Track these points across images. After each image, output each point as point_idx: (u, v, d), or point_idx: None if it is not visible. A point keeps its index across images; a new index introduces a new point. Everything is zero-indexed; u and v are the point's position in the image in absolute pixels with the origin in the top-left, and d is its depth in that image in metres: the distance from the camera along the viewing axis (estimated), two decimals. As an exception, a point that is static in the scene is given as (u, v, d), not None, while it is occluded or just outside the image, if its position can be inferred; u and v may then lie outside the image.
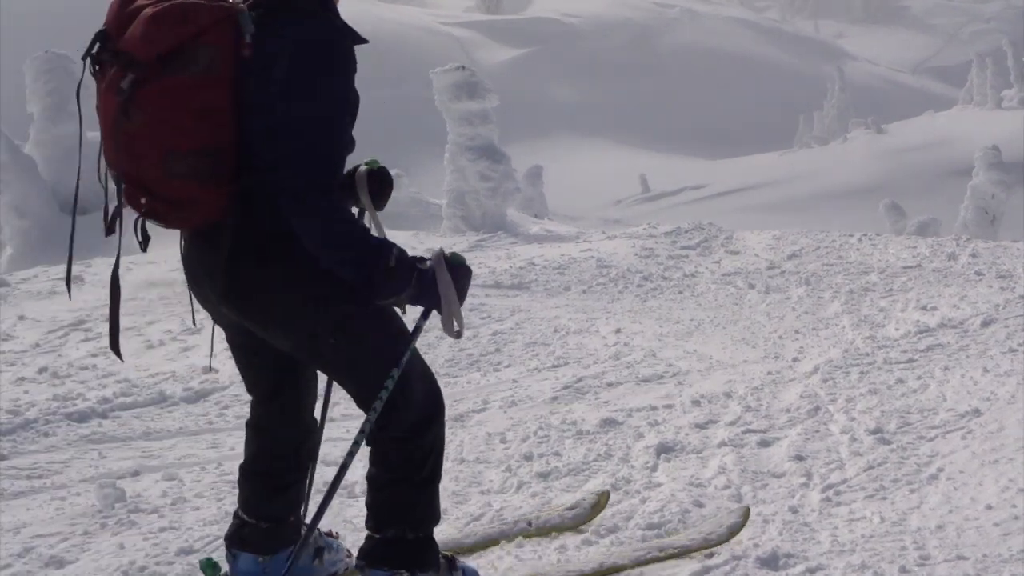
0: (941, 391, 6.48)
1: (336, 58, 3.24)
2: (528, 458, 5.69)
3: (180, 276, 11.93)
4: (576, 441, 5.94)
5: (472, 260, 12.22)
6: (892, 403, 6.29)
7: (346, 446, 3.83)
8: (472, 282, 10.12)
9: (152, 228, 3.54)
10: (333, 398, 4.23)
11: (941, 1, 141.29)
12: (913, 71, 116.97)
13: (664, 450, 5.68)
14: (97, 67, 3.31)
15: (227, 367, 8.01)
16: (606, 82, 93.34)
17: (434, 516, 3.71)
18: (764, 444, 5.69)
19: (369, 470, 3.71)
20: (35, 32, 59.00)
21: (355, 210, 3.73)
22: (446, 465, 5.48)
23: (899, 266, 12.58)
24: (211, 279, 3.48)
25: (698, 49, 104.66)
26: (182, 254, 3.67)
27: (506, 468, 5.53)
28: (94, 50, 3.29)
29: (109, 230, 3.53)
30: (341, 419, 6.19)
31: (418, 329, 3.54)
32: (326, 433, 4.35)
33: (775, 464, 5.38)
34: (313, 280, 3.35)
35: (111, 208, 3.42)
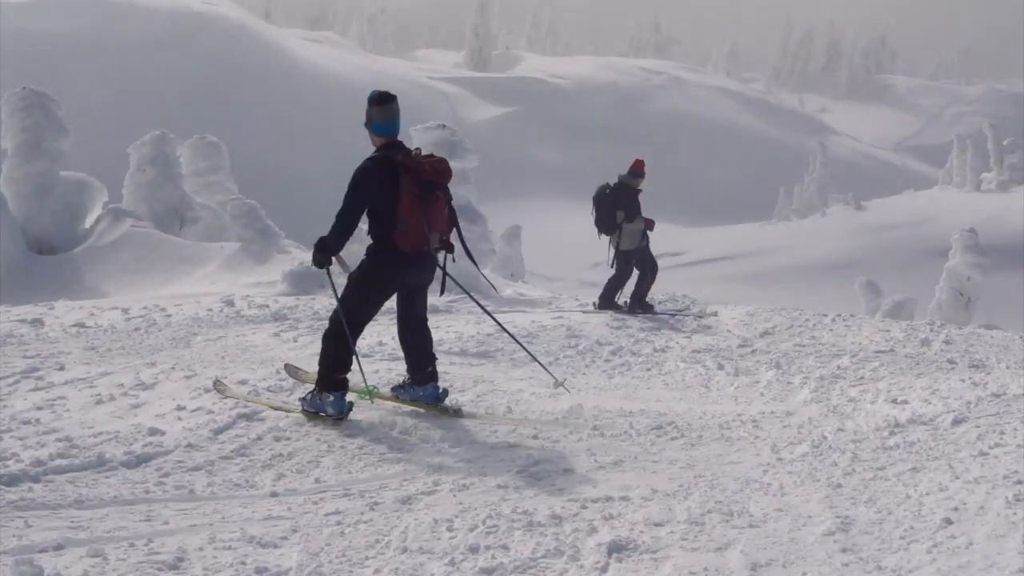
0: (908, 495, 6.25)
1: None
2: (474, 550, 5.41)
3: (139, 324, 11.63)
4: (526, 533, 5.67)
5: (441, 324, 12.07)
6: (857, 507, 6.05)
7: None
8: (437, 348, 9.92)
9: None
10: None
11: (925, 82, 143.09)
12: (895, 149, 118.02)
13: (617, 548, 5.42)
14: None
15: (174, 429, 7.76)
16: (589, 145, 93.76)
17: None
18: (721, 548, 5.43)
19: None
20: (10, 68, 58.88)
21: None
22: (386, 555, 5.26)
23: (872, 350, 12.43)
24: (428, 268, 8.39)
25: (683, 116, 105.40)
26: (410, 265, 8.20)
27: (450, 561, 5.25)
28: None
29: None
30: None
31: None
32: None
33: (732, 571, 5.11)
34: None
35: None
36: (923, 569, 5.02)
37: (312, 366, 10.50)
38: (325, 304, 15.27)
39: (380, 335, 12.36)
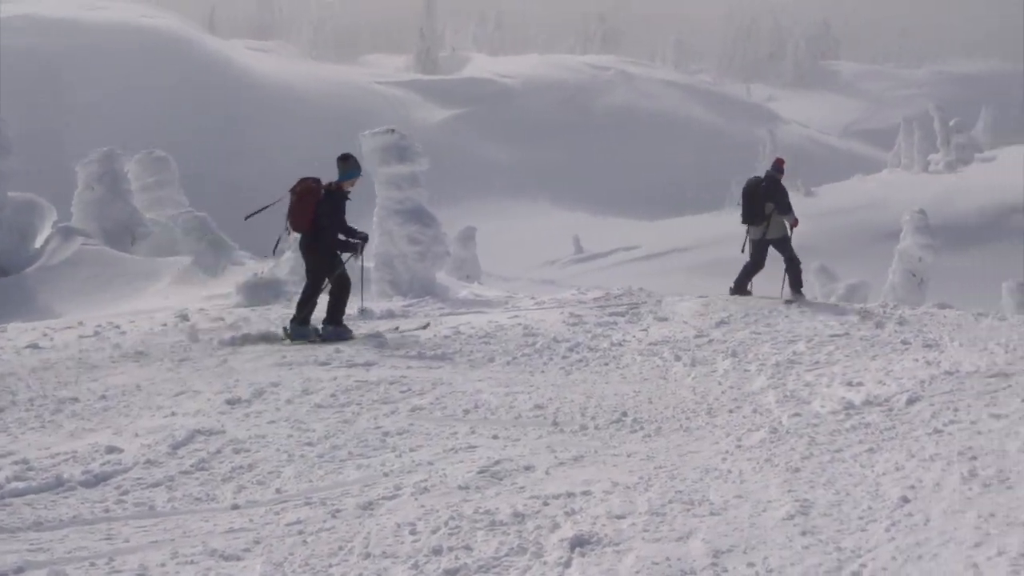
0: (865, 476, 6.31)
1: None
2: (437, 552, 5.42)
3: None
4: (489, 533, 5.69)
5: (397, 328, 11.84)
6: (816, 490, 6.10)
7: None
8: (394, 353, 9.92)
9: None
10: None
11: (870, 66, 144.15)
12: (842, 134, 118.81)
13: (579, 543, 5.44)
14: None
15: (133, 447, 7.70)
16: (541, 142, 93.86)
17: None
18: (683, 538, 5.47)
19: None
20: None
21: None
22: (349, 561, 5.26)
23: (827, 334, 12.50)
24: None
25: (632, 111, 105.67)
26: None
27: (413, 564, 5.26)
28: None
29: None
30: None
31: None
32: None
33: (694, 560, 5.15)
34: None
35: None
36: (882, 548, 5.08)
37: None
38: (280, 313, 15.22)
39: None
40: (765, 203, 16.55)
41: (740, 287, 16.80)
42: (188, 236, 21.50)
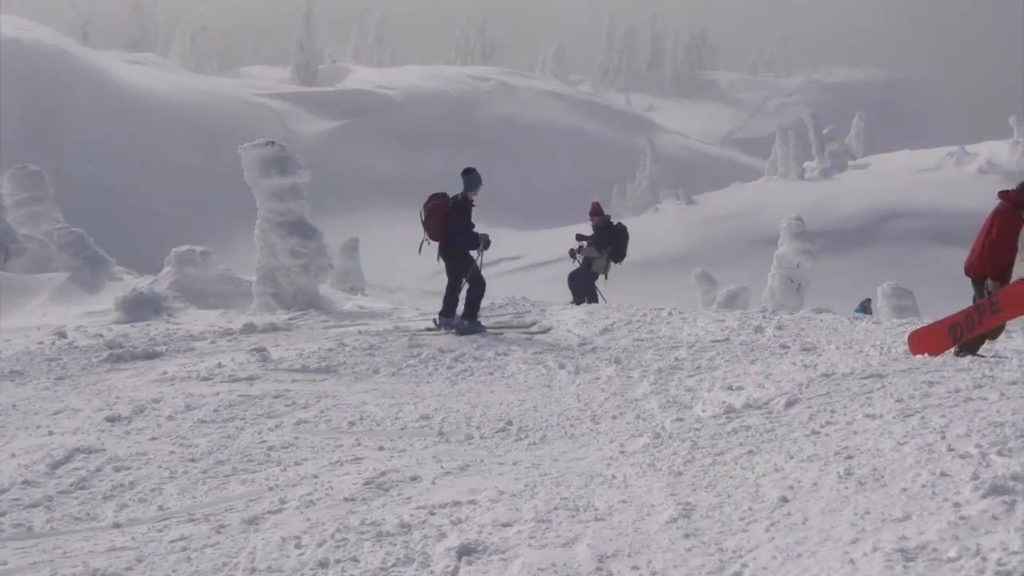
0: (746, 478, 6.42)
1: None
2: (324, 565, 5.40)
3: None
4: (375, 544, 5.68)
5: (281, 341, 11.83)
6: (698, 493, 6.20)
7: None
8: (278, 366, 9.77)
9: None
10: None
11: (746, 76, 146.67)
12: (721, 143, 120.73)
13: (466, 551, 5.47)
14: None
15: (9, 467, 7.53)
16: (423, 153, 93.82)
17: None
18: (568, 543, 5.52)
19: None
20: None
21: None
22: (235, 577, 5.19)
23: (708, 340, 12.69)
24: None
25: (513, 121, 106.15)
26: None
27: (299, 578, 5.24)
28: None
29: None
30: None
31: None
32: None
33: (580, 565, 5.20)
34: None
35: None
36: (762, 548, 5.17)
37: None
38: (161, 330, 14.98)
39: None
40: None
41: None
42: (64, 252, 21.04)
